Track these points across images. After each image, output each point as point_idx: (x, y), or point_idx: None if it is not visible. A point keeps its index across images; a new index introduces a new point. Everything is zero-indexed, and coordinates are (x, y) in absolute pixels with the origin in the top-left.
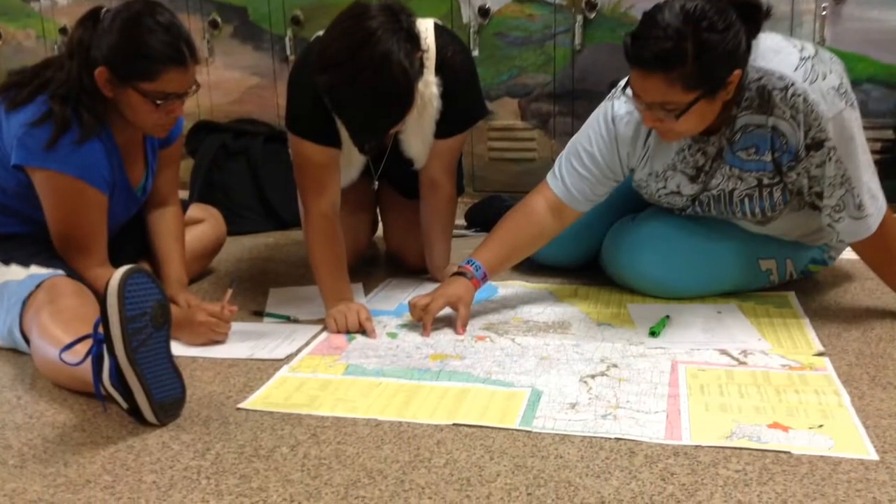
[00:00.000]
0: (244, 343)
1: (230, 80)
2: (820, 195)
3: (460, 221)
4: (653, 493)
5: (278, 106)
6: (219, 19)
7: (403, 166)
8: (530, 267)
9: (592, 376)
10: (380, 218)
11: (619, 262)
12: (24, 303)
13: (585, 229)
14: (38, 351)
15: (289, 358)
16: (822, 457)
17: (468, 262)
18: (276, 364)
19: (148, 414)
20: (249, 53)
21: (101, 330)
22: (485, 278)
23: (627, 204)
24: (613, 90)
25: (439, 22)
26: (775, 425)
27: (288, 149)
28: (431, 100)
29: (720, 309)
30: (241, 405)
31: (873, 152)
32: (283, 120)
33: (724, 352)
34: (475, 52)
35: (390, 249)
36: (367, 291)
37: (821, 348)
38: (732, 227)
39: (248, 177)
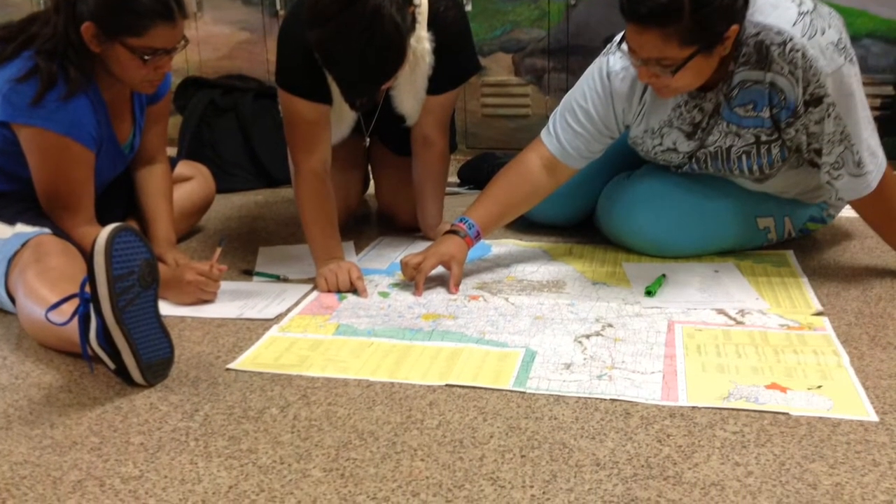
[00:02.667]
0: (233, 302)
1: (219, 35)
2: (819, 152)
3: (453, 179)
4: (649, 455)
5: (268, 62)
6: None
7: (395, 123)
8: (524, 225)
9: (587, 336)
10: (371, 175)
11: (614, 220)
12: (10, 261)
13: (580, 187)
14: (23, 310)
15: (279, 318)
16: (820, 418)
17: (461, 220)
18: (266, 324)
19: (135, 374)
20: (239, 8)
21: (87, 289)
22: (478, 237)
23: (623, 161)
24: (609, 45)
25: None
26: (773, 386)
27: (278, 105)
28: (424, 55)
29: (717, 268)
30: (230, 366)
31: (873, 109)
32: (273, 76)
33: (721, 311)
34: (468, 7)
35: (382, 207)
36: (358, 250)
37: (820, 308)
38: (730, 184)
39: (238, 134)
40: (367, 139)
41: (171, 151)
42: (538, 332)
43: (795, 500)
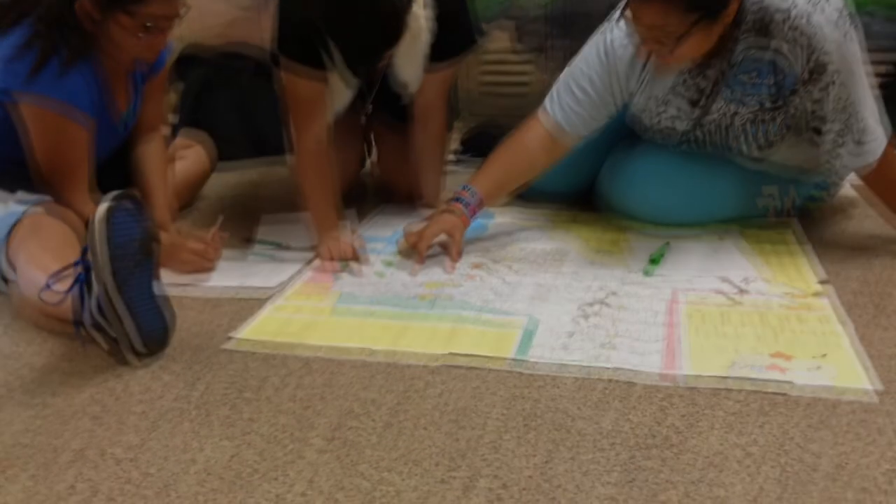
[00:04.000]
0: (234, 272)
1: (218, 6)
2: (822, 121)
3: (454, 149)
4: (651, 425)
5: (267, 32)
6: None
7: (396, 93)
8: (526, 195)
9: (590, 305)
10: (373, 146)
11: (616, 190)
12: (9, 234)
13: (582, 157)
14: (22, 279)
15: (280, 287)
16: (823, 389)
17: (464, 188)
18: (267, 293)
19: (137, 344)
20: None
21: (88, 258)
22: (480, 206)
23: (625, 130)
24: (610, 17)
25: None
26: (776, 356)
27: (277, 77)
28: (424, 26)
29: (721, 237)
30: (231, 335)
31: (875, 81)
32: (272, 47)
33: (724, 280)
34: None
35: (383, 178)
36: (360, 219)
37: (823, 278)
38: (730, 162)
39: (237, 106)
40: (369, 108)
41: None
42: (540, 302)
43: (797, 472)
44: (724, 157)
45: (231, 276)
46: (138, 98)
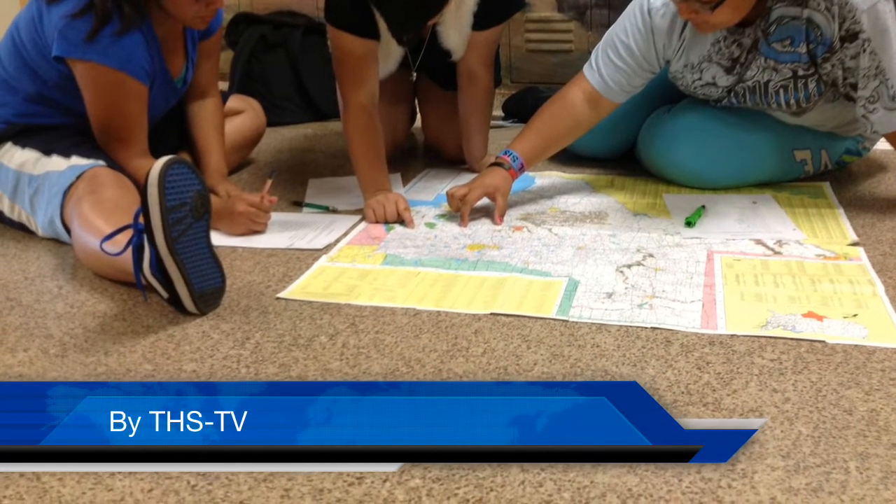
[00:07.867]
0: (283, 233)
1: None
2: (854, 86)
3: (497, 112)
4: (688, 382)
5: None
6: None
7: (442, 58)
8: (567, 157)
9: (629, 266)
10: (418, 109)
11: (654, 152)
12: (65, 193)
13: (622, 120)
14: (78, 241)
15: (328, 248)
16: (856, 346)
17: (505, 153)
18: (315, 254)
19: (188, 303)
20: None
21: (141, 220)
22: (522, 169)
23: (664, 95)
24: None
25: None
26: (810, 314)
27: (327, 41)
28: None
29: (755, 199)
30: (280, 295)
31: None
32: (322, 11)
33: (759, 241)
34: None
35: (428, 140)
36: (405, 182)
37: (855, 238)
38: (768, 118)
39: (288, 68)
40: (414, 74)
41: (223, 86)
42: (581, 262)
43: (832, 426)
44: (764, 113)
45: (279, 237)
46: (193, 58)
